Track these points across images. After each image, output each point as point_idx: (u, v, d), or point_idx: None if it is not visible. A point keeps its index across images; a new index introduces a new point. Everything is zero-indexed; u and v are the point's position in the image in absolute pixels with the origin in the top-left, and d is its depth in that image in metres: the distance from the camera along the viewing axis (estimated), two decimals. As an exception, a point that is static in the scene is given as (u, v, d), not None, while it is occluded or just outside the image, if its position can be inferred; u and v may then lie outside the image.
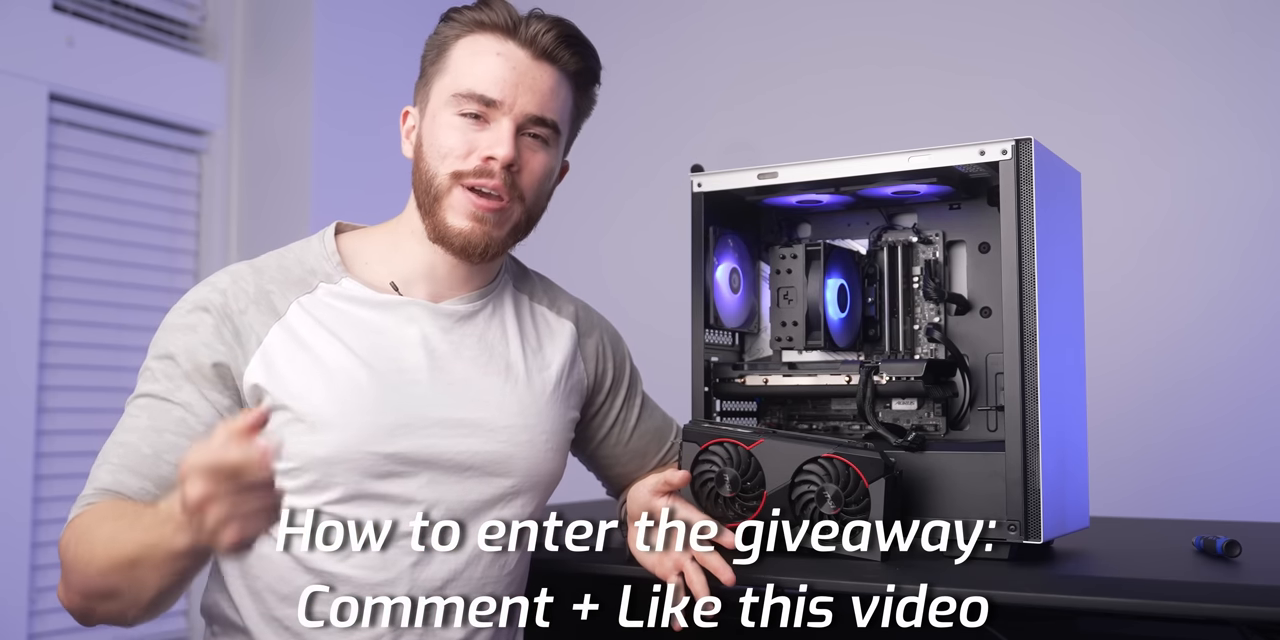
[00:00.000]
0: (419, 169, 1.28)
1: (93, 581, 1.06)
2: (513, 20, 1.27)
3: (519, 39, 1.27)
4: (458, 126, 1.25)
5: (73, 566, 1.08)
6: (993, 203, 1.38)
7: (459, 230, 1.26)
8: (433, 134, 1.26)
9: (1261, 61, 2.46)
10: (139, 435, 1.17)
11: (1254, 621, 1.08)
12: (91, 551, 1.06)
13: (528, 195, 1.28)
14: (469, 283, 1.32)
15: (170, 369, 1.19)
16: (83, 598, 1.09)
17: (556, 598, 1.22)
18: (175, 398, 1.18)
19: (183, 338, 1.20)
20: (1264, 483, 2.35)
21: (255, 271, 1.26)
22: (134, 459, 1.16)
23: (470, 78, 1.25)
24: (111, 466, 1.16)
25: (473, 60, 1.26)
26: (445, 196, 1.25)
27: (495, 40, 1.27)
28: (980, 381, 1.44)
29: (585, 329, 1.42)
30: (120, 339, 2.64)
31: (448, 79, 1.27)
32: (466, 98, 1.24)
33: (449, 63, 1.28)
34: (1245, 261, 2.44)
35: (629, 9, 3.15)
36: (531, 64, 1.26)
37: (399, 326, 1.26)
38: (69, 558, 1.09)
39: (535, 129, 1.27)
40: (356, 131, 2.90)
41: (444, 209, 1.26)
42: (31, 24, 2.47)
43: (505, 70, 1.25)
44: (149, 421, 1.18)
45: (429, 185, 1.26)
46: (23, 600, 2.37)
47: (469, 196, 1.25)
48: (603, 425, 1.44)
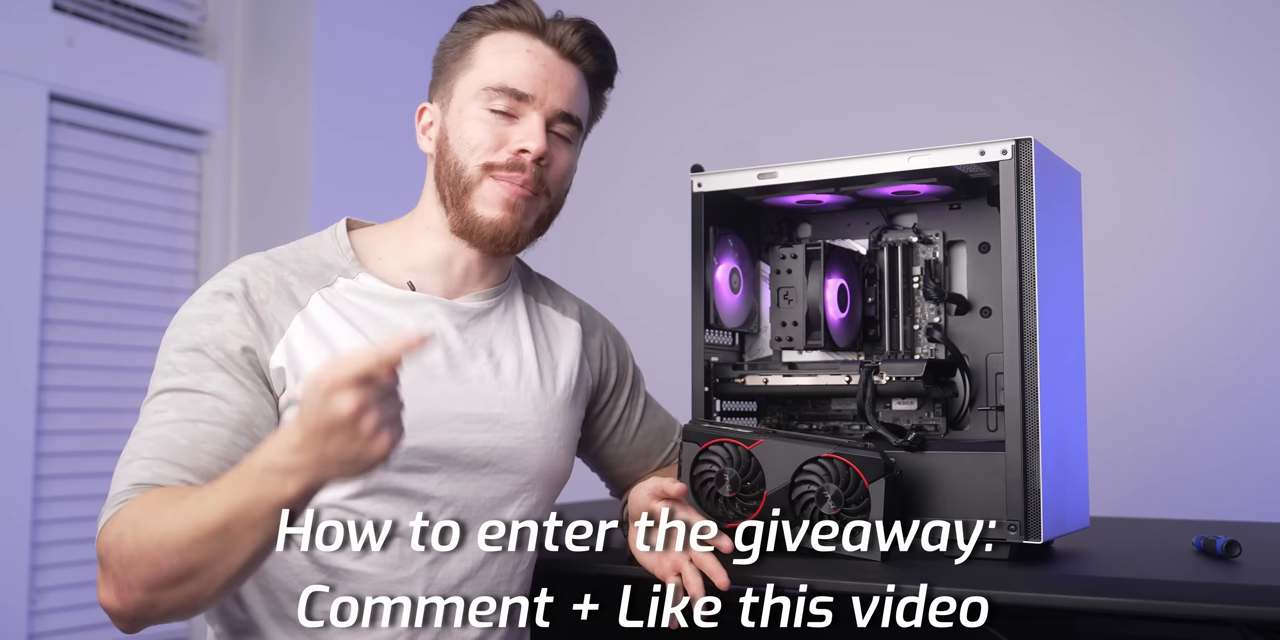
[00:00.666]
0: (444, 162, 1.28)
1: (166, 566, 1.01)
2: (541, 20, 1.29)
3: (546, 38, 1.28)
4: (488, 120, 1.26)
5: (135, 559, 1.02)
6: (993, 203, 1.38)
7: (490, 219, 1.26)
8: (460, 127, 1.27)
9: (1261, 62, 2.46)
10: (170, 428, 1.13)
11: (1254, 621, 1.08)
12: (165, 533, 1.01)
13: (553, 190, 1.30)
14: (483, 280, 1.33)
15: (197, 361, 1.16)
16: (147, 591, 1.03)
17: (556, 598, 1.22)
18: (205, 388, 1.15)
19: (208, 328, 1.18)
20: (1264, 483, 2.35)
21: (274, 262, 1.25)
22: (169, 451, 1.12)
23: (499, 72, 1.26)
24: (145, 461, 1.11)
25: (502, 57, 1.27)
26: (475, 187, 1.26)
27: (523, 38, 1.28)
28: (980, 381, 1.44)
29: (589, 328, 1.43)
30: (120, 339, 2.64)
31: (475, 74, 1.27)
32: (498, 92, 1.25)
33: (475, 58, 1.28)
34: (1244, 261, 2.44)
35: (629, 9, 3.15)
36: (559, 63, 1.28)
37: (417, 321, 1.27)
38: (125, 552, 1.03)
39: (561, 126, 1.28)
40: (356, 131, 2.90)
41: (474, 200, 1.26)
42: (31, 24, 2.48)
43: (536, 66, 1.27)
44: (178, 414, 1.14)
45: (457, 177, 1.27)
46: (23, 600, 2.38)
47: (502, 184, 1.26)
48: (607, 424, 1.45)
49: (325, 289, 1.24)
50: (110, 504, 1.10)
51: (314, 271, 1.26)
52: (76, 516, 2.50)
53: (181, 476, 1.11)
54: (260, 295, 1.21)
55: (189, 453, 1.12)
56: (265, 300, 1.21)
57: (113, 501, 1.10)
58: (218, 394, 1.15)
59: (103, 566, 1.06)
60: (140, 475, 1.10)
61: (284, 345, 1.19)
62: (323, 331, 1.21)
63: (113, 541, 1.05)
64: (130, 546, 1.03)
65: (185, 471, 1.11)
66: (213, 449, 1.13)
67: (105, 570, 1.05)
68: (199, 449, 1.13)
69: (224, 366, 1.16)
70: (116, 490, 1.11)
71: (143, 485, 1.10)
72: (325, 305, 1.23)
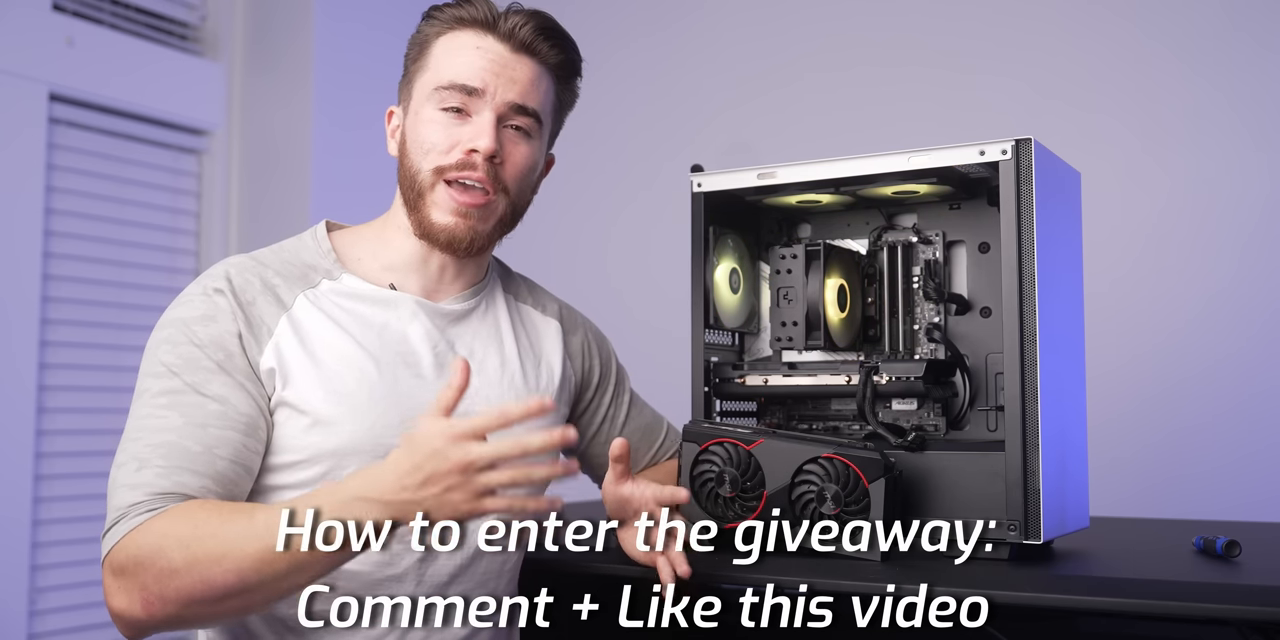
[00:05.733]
0: (403, 166, 1.29)
1: (220, 584, 1.02)
2: (491, 15, 1.28)
3: (498, 33, 1.27)
4: (440, 121, 1.26)
5: (179, 573, 1.02)
6: (993, 203, 1.38)
7: (443, 226, 1.26)
8: (415, 130, 1.27)
9: (1261, 62, 2.46)
10: (179, 434, 1.12)
11: (1254, 621, 1.08)
12: (225, 551, 1.01)
13: (512, 187, 1.28)
14: (461, 277, 1.33)
15: (196, 363, 1.15)
16: (185, 605, 1.03)
17: (556, 598, 1.21)
18: (208, 391, 1.14)
19: (203, 329, 1.17)
20: (1264, 483, 2.35)
21: (258, 263, 1.25)
22: (185, 458, 1.11)
23: (450, 70, 1.26)
24: (161, 468, 1.10)
25: (452, 55, 1.27)
26: (429, 192, 1.26)
27: (474, 35, 1.27)
28: (980, 381, 1.44)
29: (569, 327, 1.44)
30: (120, 339, 2.64)
31: (428, 75, 1.28)
32: (448, 89, 1.25)
33: (429, 59, 1.28)
34: (1243, 261, 2.44)
35: (629, 9, 3.15)
36: (511, 57, 1.27)
37: (401, 322, 1.27)
38: (167, 566, 1.03)
39: (517, 119, 1.27)
40: (356, 131, 2.90)
41: (428, 205, 1.26)
42: (31, 24, 2.48)
43: (485, 61, 1.26)
44: (183, 418, 1.13)
45: (413, 181, 1.27)
46: (23, 600, 2.38)
47: (450, 193, 1.25)
48: (592, 422, 1.46)
49: (310, 290, 1.25)
50: (131, 513, 1.08)
51: (298, 273, 1.26)
52: (76, 517, 2.50)
53: (202, 484, 1.11)
54: (247, 296, 1.20)
55: (204, 459, 1.12)
56: (252, 301, 1.20)
57: (134, 510, 1.08)
58: (221, 397, 1.15)
59: (124, 575, 1.05)
60: (160, 484, 1.09)
61: (273, 346, 1.19)
62: (310, 332, 1.21)
63: (148, 554, 1.04)
64: (177, 561, 1.03)
65: (204, 478, 1.11)
66: (226, 453, 1.13)
67: (128, 579, 1.05)
68: (213, 454, 1.12)
69: (224, 368, 1.16)
70: (134, 499, 1.08)
71: (169, 495, 1.09)
72: (311, 306, 1.23)
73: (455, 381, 1.03)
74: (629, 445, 1.29)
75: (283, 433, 1.18)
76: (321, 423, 1.18)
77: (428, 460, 0.99)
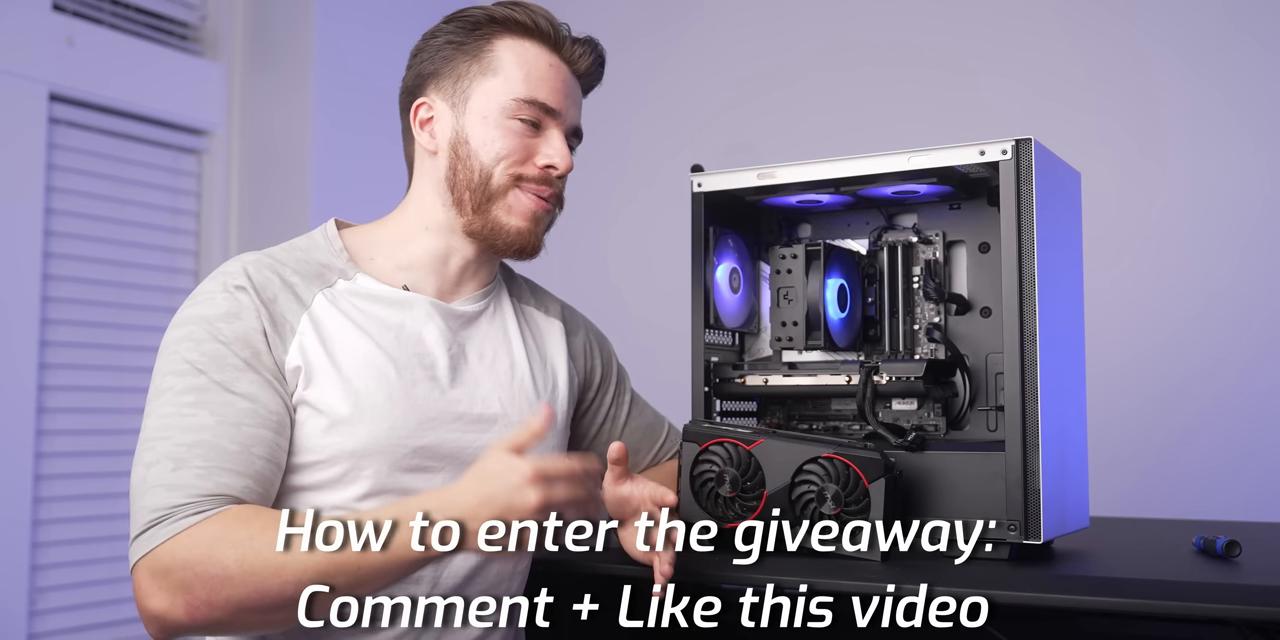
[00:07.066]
0: (463, 166, 1.28)
1: (276, 594, 1.02)
2: (557, 36, 1.31)
3: (564, 55, 1.31)
4: (516, 131, 1.28)
5: (233, 581, 1.03)
6: (993, 203, 1.38)
7: (517, 230, 1.29)
8: (484, 133, 1.27)
9: (1261, 62, 2.46)
10: (213, 433, 1.11)
11: (1254, 621, 1.08)
12: (284, 562, 1.02)
13: (563, 201, 1.34)
14: (475, 278, 1.34)
15: (223, 359, 1.14)
16: (235, 612, 1.03)
17: (556, 598, 1.21)
18: (237, 389, 1.13)
19: (228, 326, 1.16)
20: (1264, 482, 2.35)
21: (274, 261, 1.24)
22: (223, 458, 1.10)
23: (527, 85, 1.28)
24: (200, 470, 1.09)
25: (528, 68, 1.29)
26: (501, 196, 1.28)
27: (544, 50, 1.30)
28: (980, 381, 1.44)
29: (571, 328, 1.44)
30: (120, 339, 2.64)
31: (499, 82, 1.28)
32: (528, 104, 1.27)
33: (498, 64, 1.28)
34: (1242, 261, 2.44)
35: (630, 10, 3.15)
36: (574, 81, 1.33)
37: (416, 324, 1.27)
38: (220, 572, 1.03)
39: (572, 140, 1.33)
40: (356, 131, 2.90)
41: (498, 208, 1.28)
42: (31, 24, 2.48)
43: (559, 82, 1.30)
44: (214, 417, 1.12)
45: (483, 183, 1.27)
46: (23, 600, 2.37)
47: (529, 195, 1.29)
48: (593, 423, 1.46)
49: (327, 289, 1.24)
50: (176, 515, 1.06)
51: (314, 272, 1.25)
52: (76, 516, 2.50)
53: (244, 484, 1.10)
54: (269, 293, 1.20)
55: (242, 458, 1.11)
56: (274, 298, 1.20)
57: (178, 512, 1.07)
58: (250, 395, 1.14)
59: (168, 577, 1.04)
60: (203, 486, 1.08)
61: (297, 344, 1.18)
62: (330, 332, 1.21)
63: (199, 558, 1.03)
64: (231, 567, 1.03)
65: (245, 478, 1.10)
66: (262, 453, 1.13)
67: (172, 582, 1.04)
68: (250, 453, 1.12)
69: (252, 365, 1.15)
70: (176, 501, 1.07)
71: (215, 497, 1.08)
72: (329, 306, 1.23)
73: (538, 429, 1.07)
74: (626, 448, 1.30)
75: (302, 433, 1.18)
76: (340, 423, 1.18)
77: (503, 492, 1.04)
